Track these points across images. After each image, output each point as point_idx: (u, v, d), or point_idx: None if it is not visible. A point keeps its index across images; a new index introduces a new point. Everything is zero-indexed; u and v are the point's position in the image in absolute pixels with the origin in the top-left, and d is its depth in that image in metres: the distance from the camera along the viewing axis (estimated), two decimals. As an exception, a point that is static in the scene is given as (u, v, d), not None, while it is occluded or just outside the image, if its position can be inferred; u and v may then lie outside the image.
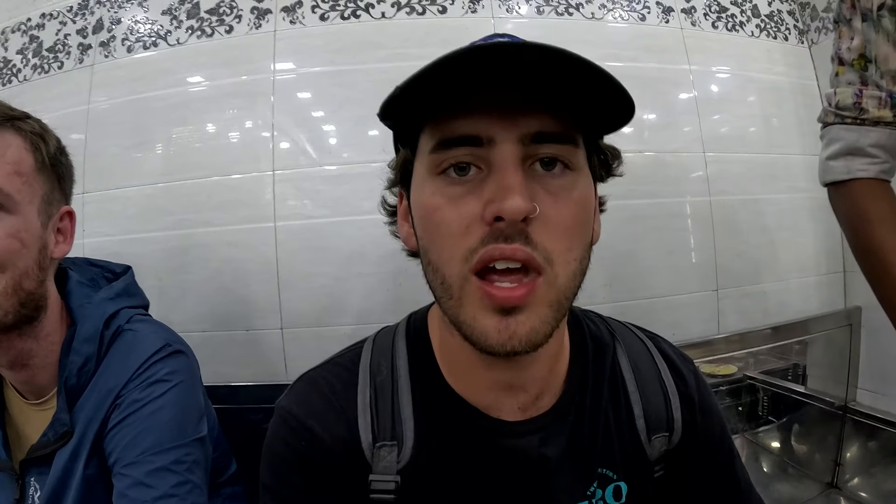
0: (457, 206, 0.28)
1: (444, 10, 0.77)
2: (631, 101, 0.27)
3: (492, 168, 0.28)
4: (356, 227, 0.71)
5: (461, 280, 0.28)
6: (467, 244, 0.28)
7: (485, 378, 0.34)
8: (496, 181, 0.27)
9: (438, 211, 0.29)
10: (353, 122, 0.75)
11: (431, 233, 0.30)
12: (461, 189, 0.28)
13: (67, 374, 0.44)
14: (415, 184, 0.32)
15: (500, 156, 0.27)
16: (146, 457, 0.41)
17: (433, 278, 0.30)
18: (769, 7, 0.91)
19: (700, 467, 0.39)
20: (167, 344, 0.48)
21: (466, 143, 0.28)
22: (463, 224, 0.28)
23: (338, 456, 0.34)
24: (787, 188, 0.87)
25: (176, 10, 0.79)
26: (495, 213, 0.26)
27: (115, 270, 0.55)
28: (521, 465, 0.34)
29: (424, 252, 0.31)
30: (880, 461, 0.81)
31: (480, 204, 0.28)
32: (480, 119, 0.28)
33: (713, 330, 0.80)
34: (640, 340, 0.41)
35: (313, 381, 0.37)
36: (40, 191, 0.45)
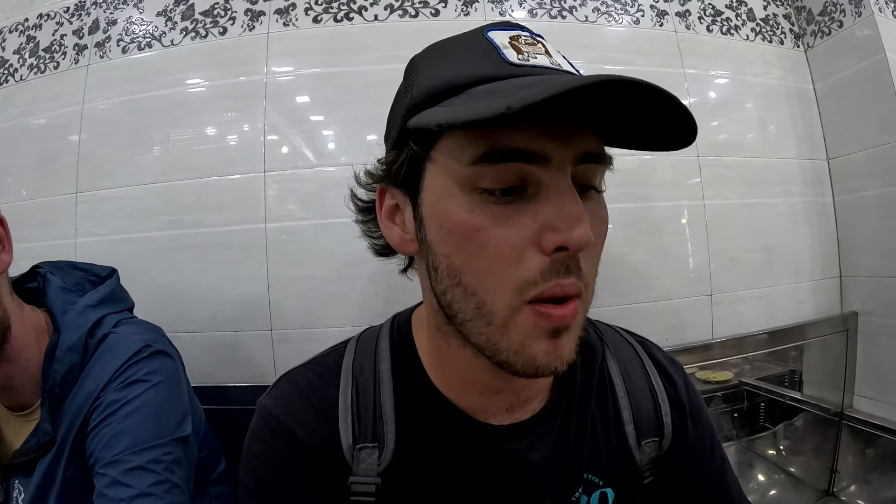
0: (505, 227, 0.26)
1: (436, 13, 0.77)
2: (694, 131, 0.26)
3: (543, 188, 0.26)
4: (347, 230, 0.70)
5: (510, 310, 0.26)
6: (523, 275, 0.26)
7: (479, 383, 0.33)
8: (556, 206, 0.25)
9: (481, 231, 0.26)
10: (346, 123, 0.74)
11: (471, 255, 0.27)
12: (508, 208, 0.26)
13: (51, 384, 0.44)
14: (433, 191, 0.29)
15: (556, 177, 0.26)
16: (124, 456, 0.41)
17: (463, 301, 0.28)
18: (764, 11, 0.91)
19: (690, 473, 0.38)
20: (147, 345, 0.48)
21: (519, 157, 0.25)
22: (515, 250, 0.26)
23: (318, 457, 0.33)
24: (782, 192, 0.86)
25: (171, 12, 0.80)
26: (560, 244, 0.25)
27: (100, 274, 0.55)
28: (506, 469, 0.34)
29: (452, 271, 0.28)
30: (877, 468, 0.80)
31: (532, 227, 0.26)
32: (536, 134, 0.25)
33: (707, 335, 0.79)
34: (629, 345, 0.41)
35: (295, 380, 0.37)
36: None
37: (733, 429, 0.85)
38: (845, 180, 0.88)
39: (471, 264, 0.27)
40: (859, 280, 0.87)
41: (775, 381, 0.86)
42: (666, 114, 0.25)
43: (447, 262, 0.28)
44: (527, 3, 0.80)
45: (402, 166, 0.31)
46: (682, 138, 0.27)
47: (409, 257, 0.38)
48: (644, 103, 0.25)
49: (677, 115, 0.25)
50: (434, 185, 0.29)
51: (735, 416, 0.85)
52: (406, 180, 0.31)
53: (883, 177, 0.81)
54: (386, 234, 0.34)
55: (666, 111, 0.25)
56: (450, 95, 0.27)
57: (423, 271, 0.32)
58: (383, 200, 0.33)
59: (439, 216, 0.28)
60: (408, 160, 0.30)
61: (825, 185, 0.90)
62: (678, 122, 0.26)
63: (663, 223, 0.79)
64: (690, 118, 0.25)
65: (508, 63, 0.27)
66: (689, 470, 0.38)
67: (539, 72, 0.27)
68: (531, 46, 0.29)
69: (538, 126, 0.25)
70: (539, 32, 0.31)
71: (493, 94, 0.25)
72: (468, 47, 0.30)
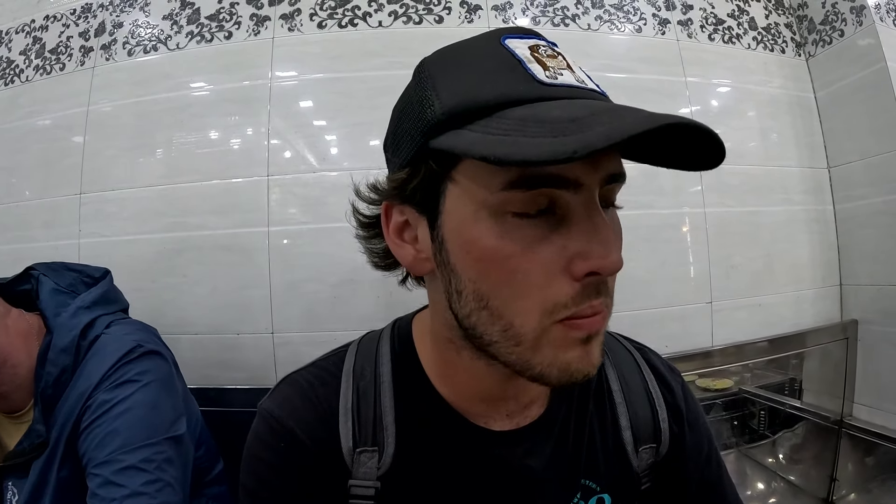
0: (535, 253, 0.26)
1: (440, 20, 0.78)
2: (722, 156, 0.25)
3: (572, 212, 0.26)
4: (349, 235, 0.70)
5: (540, 331, 0.27)
6: (552, 298, 0.26)
7: (482, 390, 0.34)
8: (587, 231, 0.25)
9: (511, 259, 0.26)
10: (349, 129, 0.75)
11: (499, 281, 0.27)
12: (536, 232, 0.26)
13: (43, 385, 0.44)
14: (456, 213, 0.28)
15: (586, 201, 0.26)
16: (115, 456, 0.41)
17: (489, 322, 0.28)
18: (766, 20, 0.92)
19: (687, 480, 0.38)
20: (139, 345, 0.48)
21: (553, 183, 0.25)
22: (546, 276, 0.26)
23: (318, 459, 0.33)
24: (783, 200, 0.87)
25: (177, 16, 0.80)
26: (593, 269, 0.25)
27: (93, 275, 0.55)
28: (504, 474, 0.34)
29: (479, 296, 0.28)
30: (876, 476, 0.80)
31: (562, 252, 0.26)
32: None
33: (707, 342, 0.79)
34: (627, 351, 0.41)
35: (296, 383, 0.37)
36: None
37: (733, 437, 0.85)
38: (846, 188, 0.88)
39: (499, 290, 0.27)
40: (859, 288, 0.87)
41: (775, 389, 0.86)
42: (700, 145, 0.25)
43: (473, 286, 0.28)
44: (530, 11, 0.81)
45: (420, 186, 0.29)
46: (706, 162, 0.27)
47: (405, 271, 0.38)
48: (685, 137, 0.25)
49: (710, 147, 0.25)
50: (457, 208, 0.28)
51: (734, 423, 0.85)
52: (423, 199, 0.30)
53: (883, 185, 0.81)
54: (396, 252, 0.33)
55: (701, 143, 0.25)
56: (480, 115, 0.26)
57: (439, 290, 0.31)
58: (390, 216, 0.32)
59: (466, 242, 0.28)
60: (425, 179, 0.29)
61: (826, 194, 0.90)
62: (709, 151, 0.25)
63: (664, 230, 0.79)
64: (723, 149, 0.25)
65: (538, 82, 0.27)
66: (687, 476, 0.38)
67: (570, 93, 0.27)
68: (553, 60, 0.28)
69: None
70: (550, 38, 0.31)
71: (542, 125, 0.24)
72: (488, 58, 0.28)
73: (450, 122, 0.27)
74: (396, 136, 0.32)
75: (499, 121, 0.25)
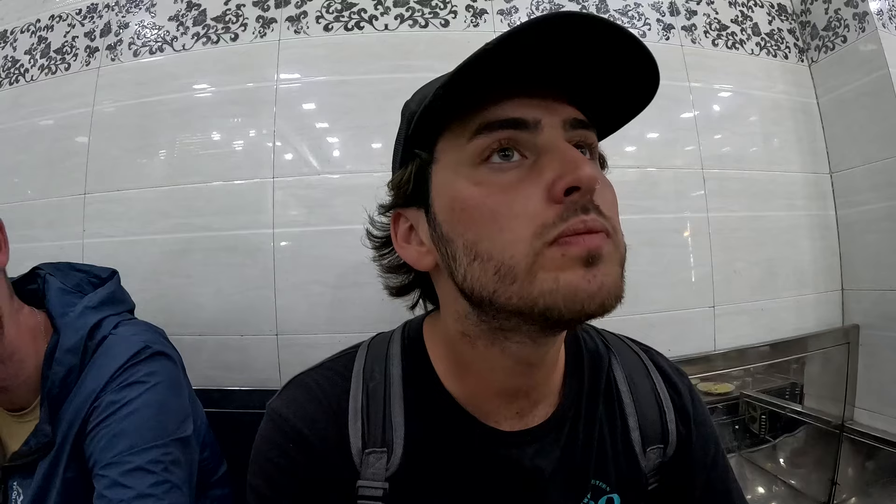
0: (513, 189, 0.27)
1: (446, 24, 0.78)
2: (654, 64, 0.27)
3: (542, 151, 0.28)
4: (354, 237, 0.70)
5: (532, 256, 0.26)
6: (540, 221, 0.26)
7: (496, 383, 0.34)
8: (557, 158, 0.27)
9: (490, 197, 0.27)
10: (354, 131, 0.75)
11: (483, 222, 0.27)
12: (511, 175, 0.27)
13: (50, 385, 0.44)
14: (441, 186, 0.30)
15: (550, 137, 0.28)
16: (123, 457, 0.41)
17: (482, 273, 0.27)
18: (769, 25, 0.92)
19: (693, 480, 0.39)
20: (146, 346, 0.48)
21: (512, 125, 0.27)
22: (527, 207, 0.26)
23: (326, 460, 0.34)
24: (785, 205, 0.87)
25: (183, 17, 0.81)
26: (571, 184, 0.26)
27: (100, 275, 0.55)
28: (515, 475, 0.34)
29: (469, 247, 0.28)
30: (877, 481, 0.80)
31: (540, 186, 0.27)
32: (522, 103, 0.28)
33: (709, 346, 0.79)
34: (635, 353, 0.42)
35: (305, 384, 0.37)
36: None
37: (734, 441, 0.85)
38: (848, 194, 0.89)
39: (484, 231, 0.27)
40: (861, 293, 0.87)
41: (776, 394, 0.86)
42: (630, 62, 0.27)
43: (463, 240, 0.28)
44: (535, 15, 0.81)
45: (410, 178, 0.32)
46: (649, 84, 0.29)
47: (419, 293, 0.40)
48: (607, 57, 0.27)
49: (640, 59, 0.27)
50: (441, 179, 0.31)
51: (735, 428, 0.85)
52: (416, 192, 0.32)
53: (885, 191, 0.82)
54: (402, 255, 0.35)
55: (628, 57, 0.27)
56: None
57: (445, 278, 0.32)
58: (398, 226, 0.35)
59: (451, 201, 0.29)
60: (415, 170, 0.32)
61: (828, 199, 0.91)
62: (642, 68, 0.27)
63: (667, 235, 0.79)
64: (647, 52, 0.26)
65: None
66: (693, 477, 0.39)
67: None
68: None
69: (526, 96, 0.28)
70: None
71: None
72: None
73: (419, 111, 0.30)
74: (393, 156, 0.36)
75: None
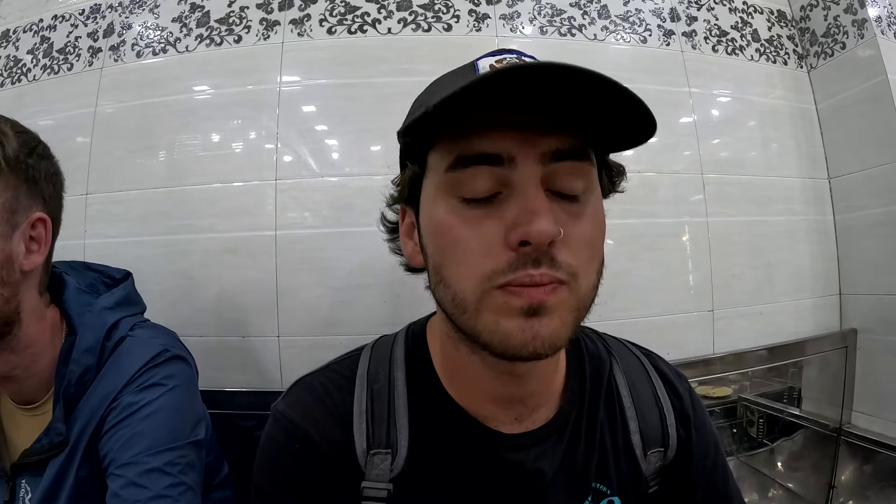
0: (476, 227, 0.28)
1: (449, 28, 0.79)
2: (652, 118, 0.26)
3: (512, 189, 0.27)
4: (356, 239, 0.72)
5: (479, 294, 0.27)
6: (491, 266, 0.27)
7: (487, 389, 0.34)
8: (519, 204, 0.27)
9: (454, 229, 0.28)
10: (356, 134, 0.75)
11: (446, 251, 0.29)
12: (479, 211, 0.28)
13: (66, 384, 0.44)
14: (425, 201, 0.32)
15: (521, 176, 0.27)
16: (140, 458, 0.41)
17: (444, 295, 0.30)
18: (769, 32, 0.93)
19: (694, 483, 0.39)
20: (165, 349, 0.48)
21: (486, 161, 0.27)
22: (484, 246, 0.27)
23: (331, 461, 0.34)
24: (784, 210, 0.88)
25: (186, 18, 0.81)
26: (521, 238, 0.26)
27: (114, 276, 0.55)
28: (516, 478, 0.34)
29: (436, 269, 0.30)
30: (874, 484, 0.81)
31: (501, 227, 0.27)
32: (500, 137, 0.27)
33: (708, 350, 0.80)
34: (635, 357, 0.42)
35: (310, 386, 0.37)
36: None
37: (732, 444, 0.86)
38: (846, 199, 0.89)
39: (447, 259, 0.29)
40: (859, 297, 0.88)
41: (774, 397, 0.87)
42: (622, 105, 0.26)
43: (433, 261, 0.31)
44: (537, 20, 0.81)
45: (406, 184, 0.33)
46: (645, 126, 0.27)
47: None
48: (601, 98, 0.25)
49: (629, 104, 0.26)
50: (426, 194, 0.32)
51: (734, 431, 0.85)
52: (410, 196, 0.33)
53: (883, 196, 0.82)
54: (403, 248, 0.37)
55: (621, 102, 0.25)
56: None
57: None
58: (404, 218, 0.36)
59: (428, 221, 0.31)
60: (409, 178, 0.33)
61: (826, 204, 0.91)
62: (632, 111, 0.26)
63: (666, 239, 0.80)
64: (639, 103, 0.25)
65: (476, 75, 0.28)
66: (693, 480, 0.39)
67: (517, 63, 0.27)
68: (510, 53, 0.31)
69: (504, 129, 0.27)
70: (537, 51, 0.32)
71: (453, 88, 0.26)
72: (455, 74, 0.32)
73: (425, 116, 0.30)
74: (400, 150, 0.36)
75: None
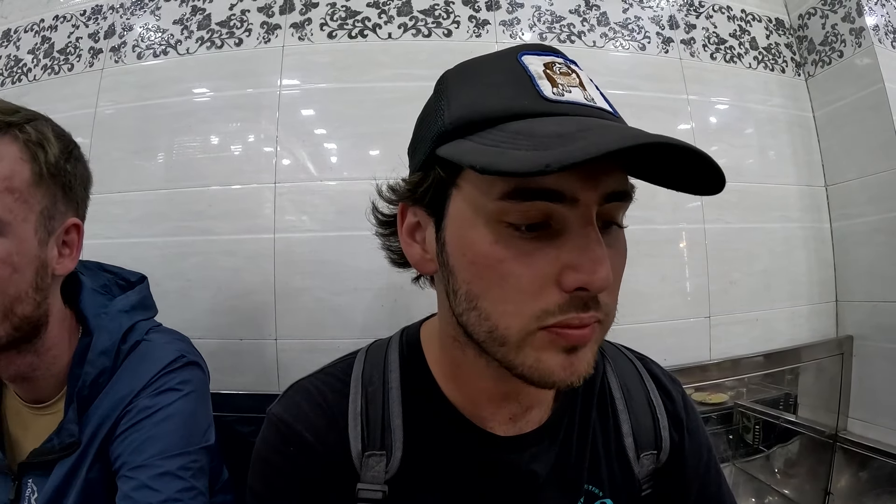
0: (527, 262, 0.26)
1: (449, 34, 0.79)
2: (723, 180, 0.26)
3: (568, 227, 0.26)
4: (355, 243, 0.72)
5: (524, 334, 0.27)
6: (541, 305, 0.26)
7: (489, 390, 0.34)
8: (579, 247, 0.26)
9: (503, 264, 0.27)
10: (355, 139, 0.75)
11: (489, 284, 0.28)
12: (531, 244, 0.27)
13: (80, 386, 0.44)
14: (456, 217, 0.29)
15: (582, 218, 0.26)
16: (154, 461, 0.41)
17: (477, 324, 0.29)
18: (767, 40, 0.94)
19: (686, 487, 0.39)
20: (182, 355, 0.48)
21: (546, 197, 0.26)
22: (535, 285, 0.26)
23: (327, 463, 0.34)
24: (781, 217, 0.88)
25: (187, 21, 0.81)
26: (581, 285, 0.25)
27: (129, 279, 0.55)
28: (510, 479, 0.35)
29: (470, 297, 0.29)
30: (870, 490, 0.81)
31: (555, 265, 0.26)
32: (564, 174, 0.25)
33: (705, 356, 0.80)
34: (629, 361, 0.42)
35: (305, 389, 0.37)
36: (38, 206, 0.40)
37: (728, 451, 0.86)
38: (843, 207, 0.90)
39: (489, 293, 0.28)
40: (855, 304, 0.88)
41: (770, 404, 0.87)
42: (699, 167, 0.26)
43: (466, 287, 0.29)
44: (537, 27, 0.82)
45: (429, 189, 0.31)
46: (709, 187, 0.27)
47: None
48: (678, 157, 0.25)
49: (707, 171, 0.25)
50: (459, 213, 0.29)
51: (729, 437, 0.85)
52: (431, 202, 0.31)
53: (880, 203, 0.83)
54: (406, 250, 0.34)
55: (699, 166, 0.25)
56: (483, 127, 0.27)
57: (442, 290, 0.33)
58: (405, 217, 0.34)
59: (463, 245, 0.29)
60: (434, 184, 0.31)
61: (823, 211, 0.92)
62: (708, 175, 0.26)
63: (663, 246, 0.80)
64: (720, 174, 0.25)
65: (543, 98, 0.27)
66: (686, 483, 0.39)
67: (574, 110, 0.27)
68: (566, 77, 0.29)
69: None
70: (573, 59, 0.31)
71: (531, 139, 0.25)
72: (500, 72, 0.29)
73: (455, 131, 0.28)
74: (415, 141, 0.34)
75: (497, 133, 0.26)
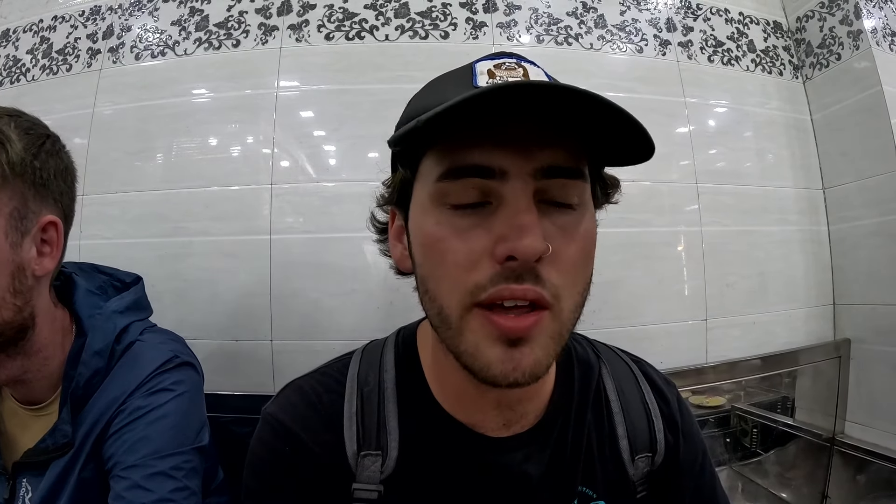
0: (463, 239, 0.27)
1: (446, 36, 0.79)
2: (650, 141, 0.26)
3: (502, 202, 0.27)
4: (351, 245, 0.72)
5: (462, 310, 0.27)
6: (474, 279, 0.27)
7: (474, 396, 0.34)
8: (508, 217, 0.26)
9: (442, 242, 0.28)
10: (352, 140, 0.76)
11: (433, 263, 0.29)
12: (468, 221, 0.28)
13: (74, 386, 0.44)
14: (414, 208, 0.31)
15: (513, 190, 0.27)
16: (146, 461, 0.41)
17: (430, 307, 0.30)
18: (765, 42, 0.94)
19: (681, 489, 0.39)
20: (175, 355, 0.48)
21: (478, 173, 0.27)
22: (470, 259, 0.27)
23: (322, 463, 0.34)
24: (778, 220, 0.88)
25: (185, 22, 0.81)
26: (508, 253, 0.26)
27: (123, 280, 0.55)
28: (503, 480, 0.35)
29: (422, 280, 0.30)
30: (868, 494, 0.81)
31: (489, 239, 0.27)
32: (493, 149, 0.26)
33: (701, 359, 0.80)
34: (625, 363, 0.42)
35: (300, 388, 0.38)
36: (5, 208, 0.39)
37: (725, 454, 0.85)
38: (840, 210, 0.90)
39: (433, 272, 0.29)
40: (852, 307, 0.88)
41: (768, 407, 0.86)
42: (626, 131, 0.26)
43: (420, 271, 0.30)
44: (534, 29, 0.82)
45: (396, 188, 0.33)
46: (643, 148, 0.27)
47: None
48: (601, 118, 0.25)
49: (632, 132, 0.26)
50: (417, 204, 0.31)
51: (727, 441, 0.85)
52: (400, 200, 0.33)
53: (877, 206, 0.83)
54: (391, 251, 0.36)
55: (620, 125, 0.25)
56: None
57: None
58: (394, 221, 0.36)
59: (417, 230, 0.31)
60: (399, 182, 0.32)
61: (820, 214, 0.92)
62: (636, 138, 0.26)
63: (660, 248, 0.80)
64: (644, 133, 0.26)
65: (474, 87, 0.28)
66: (681, 485, 0.39)
67: (499, 86, 0.27)
68: (510, 71, 0.29)
69: (498, 141, 0.27)
70: (534, 59, 0.31)
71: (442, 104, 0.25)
72: (452, 77, 0.31)
73: (400, 128, 0.30)
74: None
75: None
